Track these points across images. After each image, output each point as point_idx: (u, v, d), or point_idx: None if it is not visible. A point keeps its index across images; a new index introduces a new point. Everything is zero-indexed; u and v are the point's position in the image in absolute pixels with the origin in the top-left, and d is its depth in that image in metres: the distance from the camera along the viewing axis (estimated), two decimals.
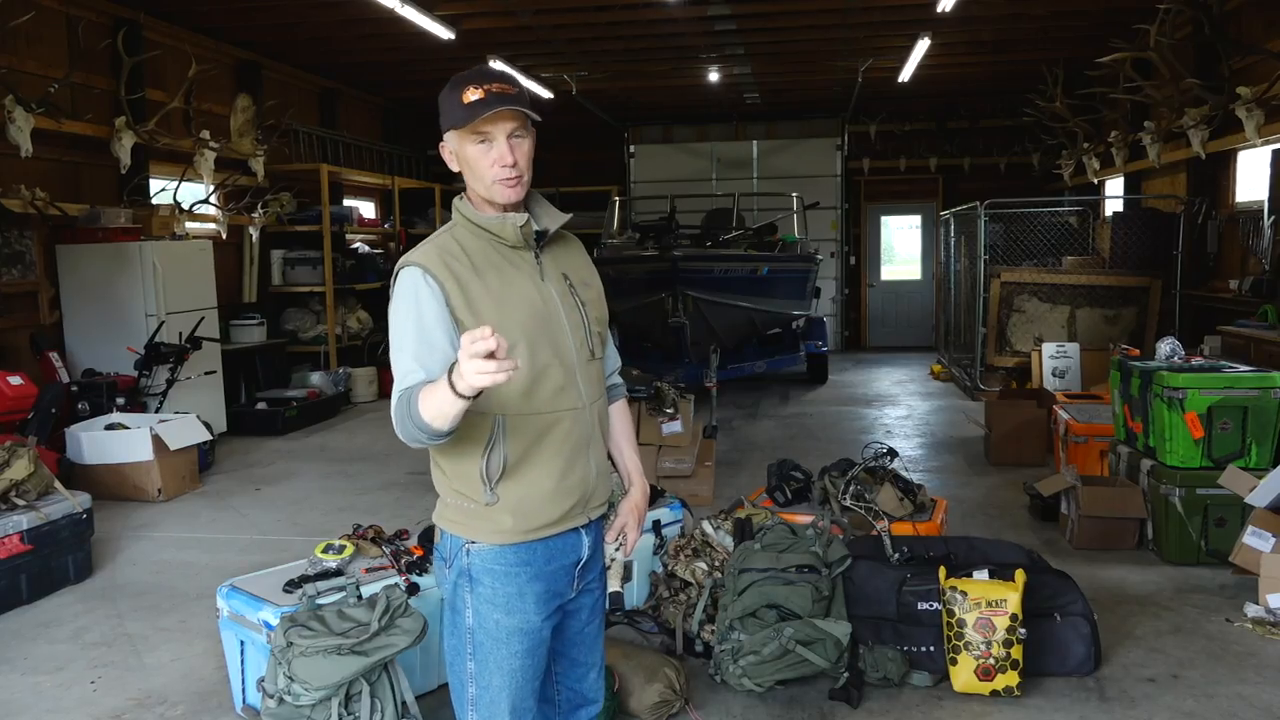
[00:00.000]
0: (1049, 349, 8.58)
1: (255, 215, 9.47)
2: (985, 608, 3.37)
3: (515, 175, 1.96)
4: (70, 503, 4.82)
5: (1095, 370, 8.08)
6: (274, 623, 3.06)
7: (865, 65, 10.99)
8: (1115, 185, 11.70)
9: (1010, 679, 3.38)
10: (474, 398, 1.67)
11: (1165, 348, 5.15)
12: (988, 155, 14.20)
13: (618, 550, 2.20)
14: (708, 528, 4.17)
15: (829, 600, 3.49)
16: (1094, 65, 8.98)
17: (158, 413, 7.12)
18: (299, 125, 11.00)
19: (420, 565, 3.56)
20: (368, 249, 11.83)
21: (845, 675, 3.42)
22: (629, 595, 4.09)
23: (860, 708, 3.38)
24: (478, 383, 1.60)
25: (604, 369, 2.20)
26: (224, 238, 9.11)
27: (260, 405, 8.83)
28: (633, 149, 15.07)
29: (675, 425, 6.13)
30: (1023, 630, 3.36)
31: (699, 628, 3.76)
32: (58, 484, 4.91)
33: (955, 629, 3.40)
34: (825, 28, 9.72)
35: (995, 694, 3.39)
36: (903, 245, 16.13)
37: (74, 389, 6.88)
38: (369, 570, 3.54)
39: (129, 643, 4.11)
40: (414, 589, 3.41)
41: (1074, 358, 8.47)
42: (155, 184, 8.60)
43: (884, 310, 15.31)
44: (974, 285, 9.89)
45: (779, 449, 7.26)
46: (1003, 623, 3.35)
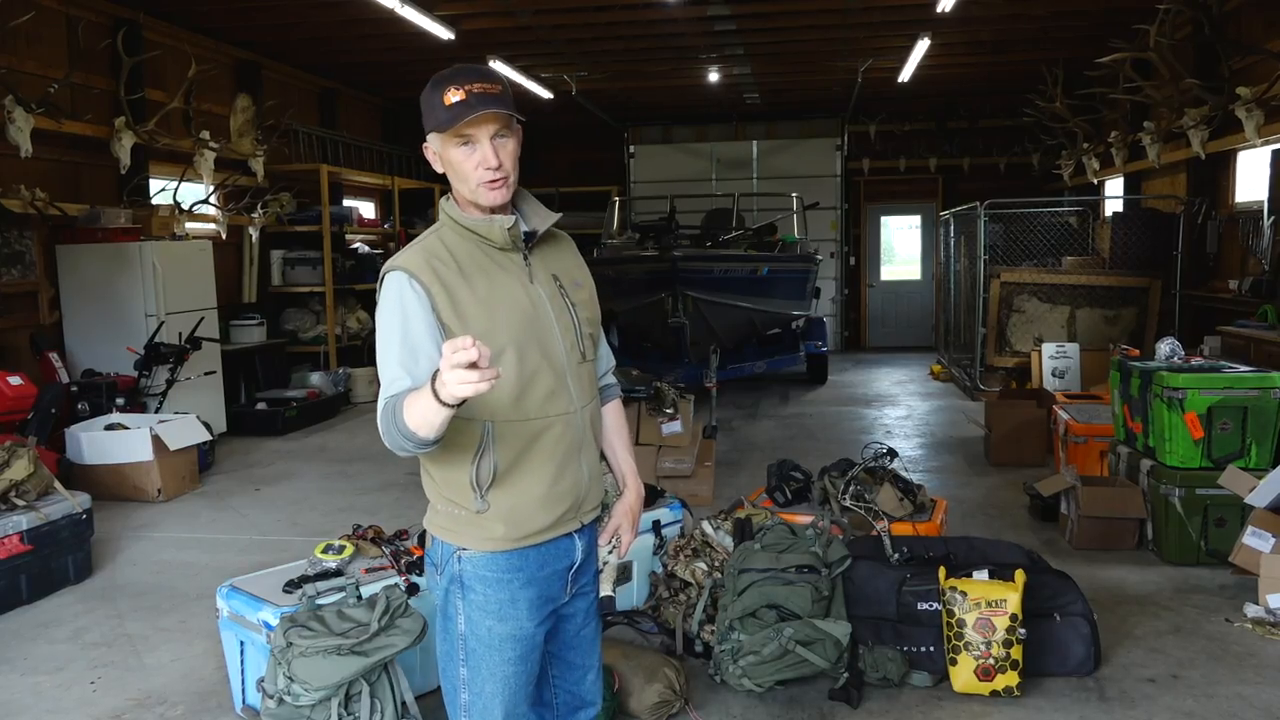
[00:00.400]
0: (1049, 349, 8.58)
1: (255, 215, 9.47)
2: (985, 608, 3.37)
3: (500, 177, 1.92)
4: (70, 503, 4.82)
5: (1095, 370, 8.08)
6: (274, 623, 3.06)
7: (865, 65, 10.99)
8: (1115, 185, 11.69)
9: (1010, 679, 3.37)
10: (458, 406, 1.65)
11: (1165, 348, 5.15)
12: (987, 155, 14.19)
13: (611, 553, 2.16)
14: (707, 528, 4.17)
15: (829, 600, 3.49)
16: (1094, 65, 8.97)
17: (157, 413, 7.11)
18: (299, 125, 11.00)
19: (420, 565, 3.55)
20: (367, 249, 11.81)
21: (845, 675, 3.41)
22: (629, 596, 4.09)
23: (860, 708, 3.38)
24: (460, 393, 1.58)
25: (596, 370, 2.16)
26: (224, 238, 9.11)
27: (260, 405, 8.83)
28: (632, 149, 15.05)
29: (675, 425, 6.13)
30: (1022, 630, 3.36)
31: (699, 628, 3.75)
32: (57, 484, 4.91)
33: (955, 629, 3.40)
34: (825, 28, 9.72)
35: (995, 694, 3.39)
36: (902, 245, 16.13)
37: (74, 389, 6.88)
38: (369, 570, 3.54)
39: (129, 643, 4.11)
40: (414, 589, 3.41)
41: (1074, 358, 8.47)
42: (155, 184, 8.59)
43: (884, 310, 15.30)
44: (974, 285, 9.89)
45: (779, 449, 7.26)
46: (1002, 623, 3.35)
